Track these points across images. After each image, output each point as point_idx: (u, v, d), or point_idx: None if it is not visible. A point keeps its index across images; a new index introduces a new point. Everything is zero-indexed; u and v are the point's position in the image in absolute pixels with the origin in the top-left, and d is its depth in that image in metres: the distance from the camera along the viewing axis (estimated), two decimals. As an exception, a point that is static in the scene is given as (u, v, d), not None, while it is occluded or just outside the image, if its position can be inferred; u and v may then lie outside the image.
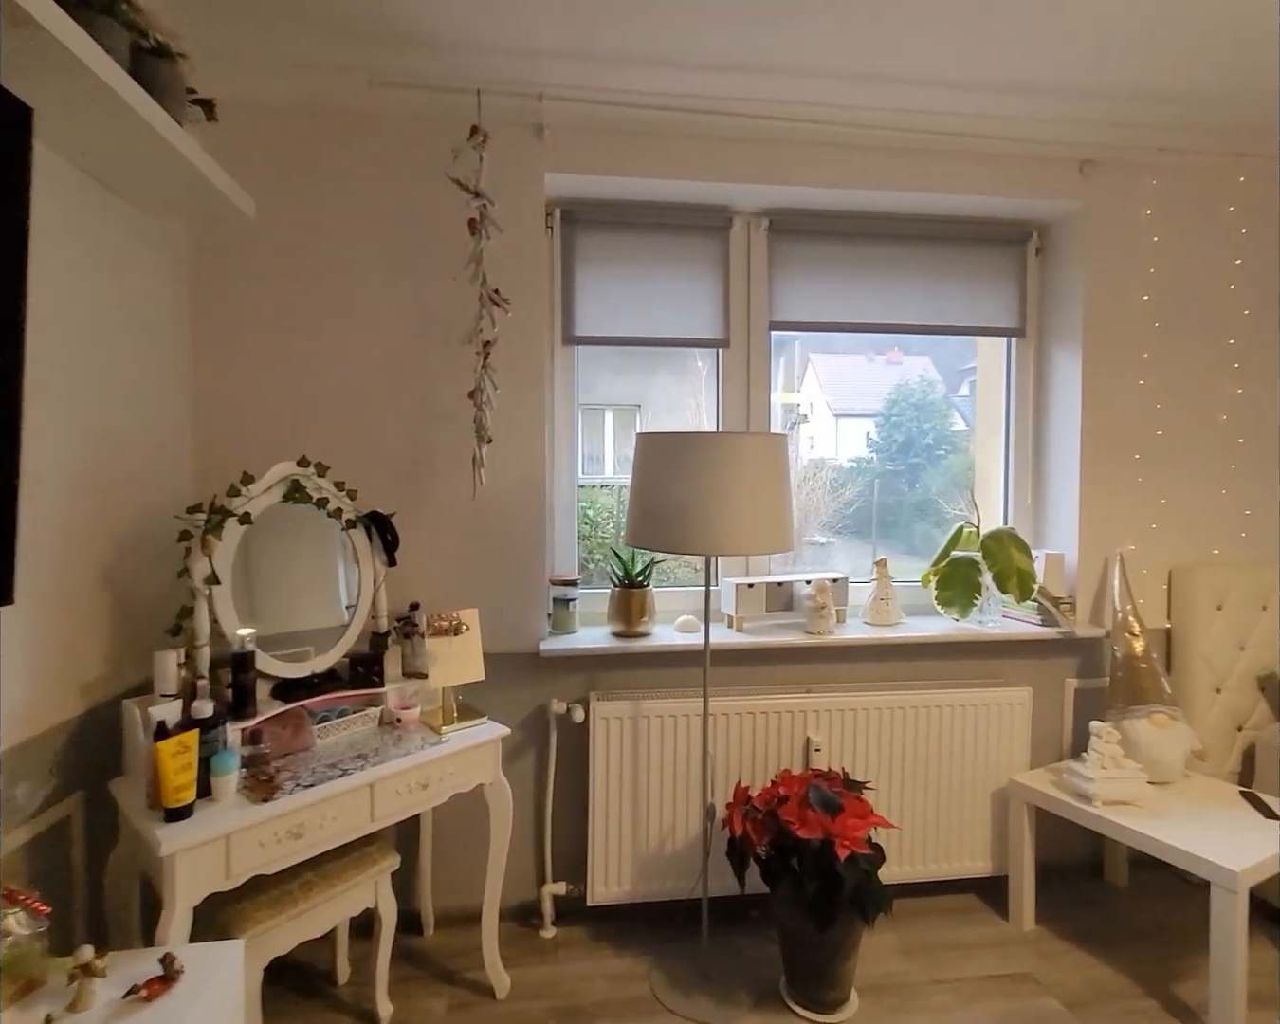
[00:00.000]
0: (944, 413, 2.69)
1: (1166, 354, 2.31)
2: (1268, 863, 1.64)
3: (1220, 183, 2.31)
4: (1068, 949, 1.98)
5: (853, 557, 2.63)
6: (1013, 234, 2.39)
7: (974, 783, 2.17)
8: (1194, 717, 2.25)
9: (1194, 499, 2.35)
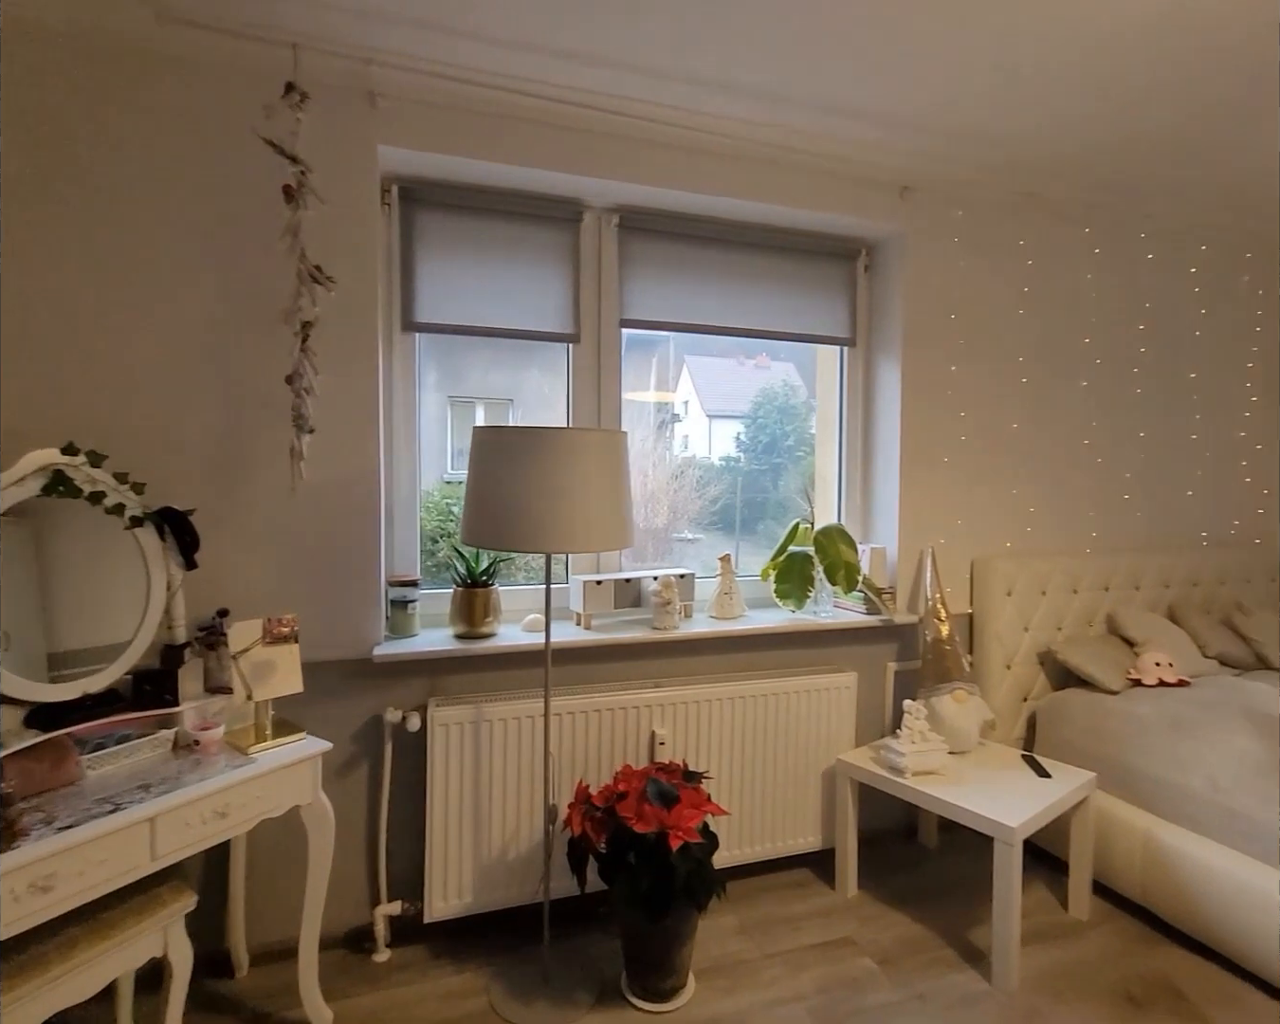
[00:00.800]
0: (804, 416, 2.84)
1: (970, 368, 2.58)
2: (1039, 816, 1.88)
3: (1014, 218, 2.61)
4: (884, 911, 2.16)
5: (719, 552, 2.71)
6: (844, 249, 2.57)
7: (806, 764, 2.31)
8: (989, 690, 2.54)
9: (991, 498, 2.64)
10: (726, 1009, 1.75)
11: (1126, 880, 2.10)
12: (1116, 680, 2.40)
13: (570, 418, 2.32)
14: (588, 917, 2.11)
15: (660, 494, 2.70)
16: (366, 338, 1.90)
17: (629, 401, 2.47)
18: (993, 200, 2.57)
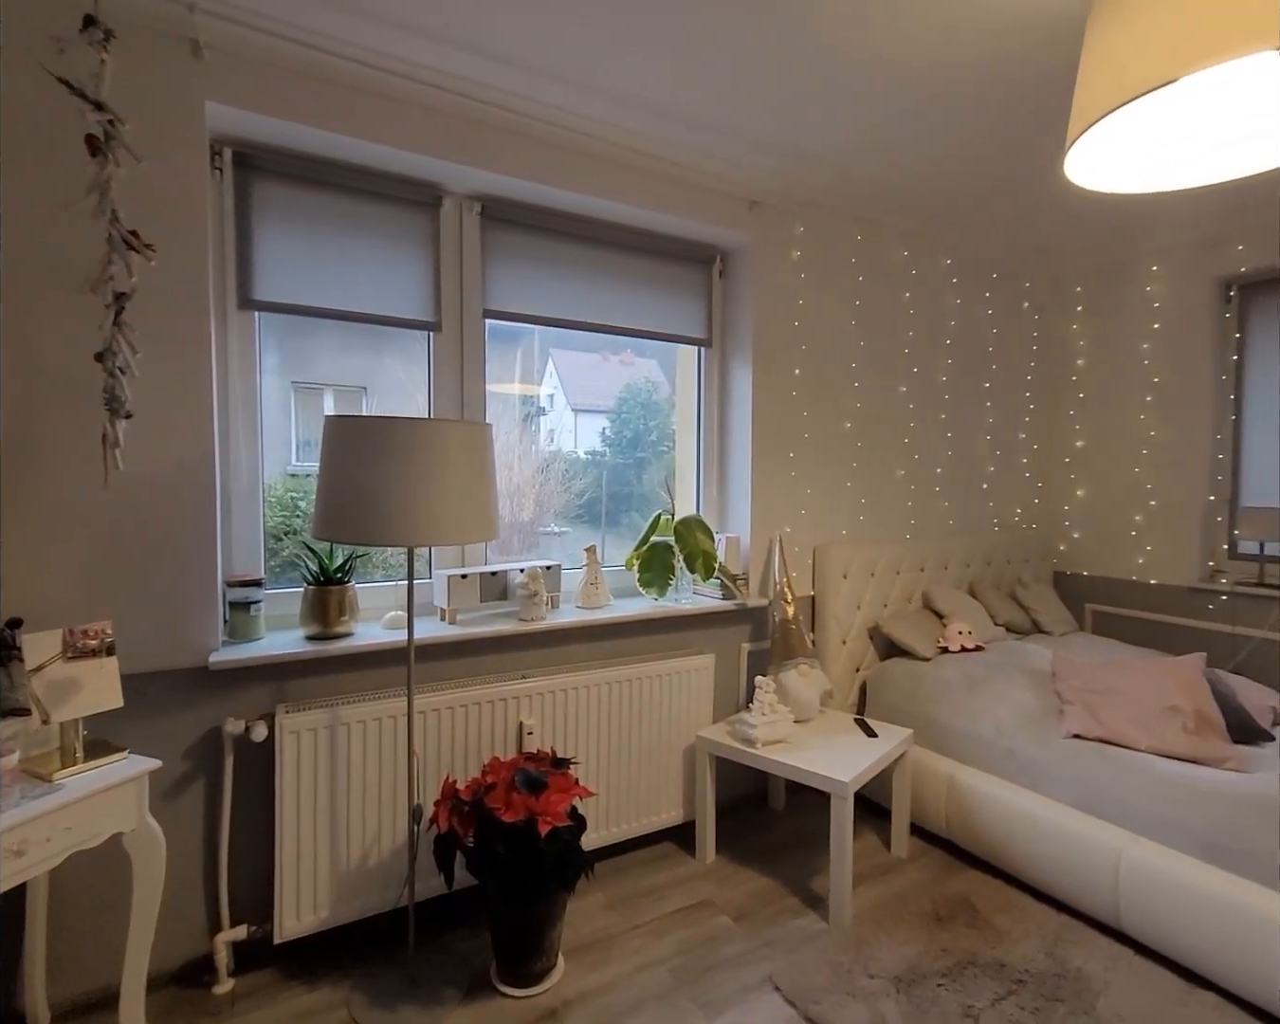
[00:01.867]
0: (667, 412, 2.95)
1: (811, 373, 2.83)
2: (867, 771, 2.13)
3: (847, 239, 2.90)
4: (739, 871, 2.34)
5: (585, 545, 2.74)
6: (701, 255, 2.71)
7: (669, 743, 2.44)
8: (828, 663, 2.82)
9: (830, 491, 2.93)
10: (594, 983, 1.81)
11: (935, 819, 2.44)
12: (929, 649, 2.77)
13: (431, 408, 2.25)
14: (457, 915, 2.08)
15: (526, 488, 2.70)
16: (197, 315, 1.73)
17: (493, 393, 2.44)
18: (829, 221, 2.84)
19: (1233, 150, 1.30)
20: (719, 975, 1.84)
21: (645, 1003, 1.75)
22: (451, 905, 2.10)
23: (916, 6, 1.66)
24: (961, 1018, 1.66)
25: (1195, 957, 1.76)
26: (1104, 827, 2.00)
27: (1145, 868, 1.86)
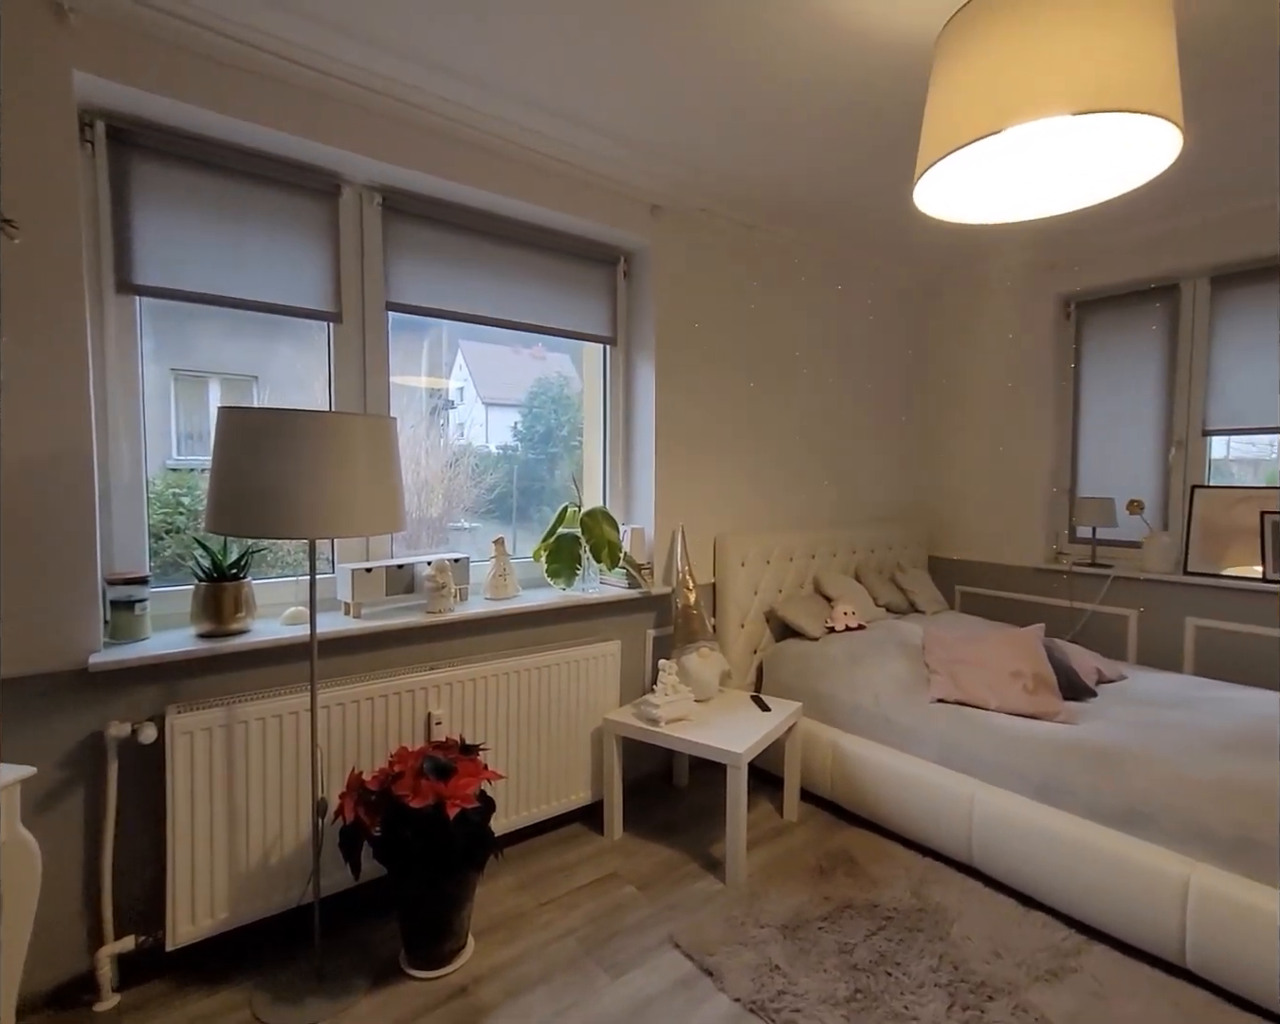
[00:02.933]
0: (578, 407, 3.01)
1: (710, 372, 3.00)
2: (760, 742, 2.31)
3: (743, 245, 3.08)
4: (645, 845, 2.47)
5: (497, 539, 2.76)
6: (606, 255, 2.81)
7: (577, 727, 2.53)
8: (728, 646, 3.00)
9: (729, 484, 3.11)
10: (504, 957, 1.88)
11: (821, 783, 2.66)
12: (817, 629, 3.01)
13: (332, 400, 2.22)
14: (366, 907, 2.08)
15: (435, 483, 2.69)
16: (70, 298, 1.64)
17: (399, 386, 2.43)
18: (726, 228, 3.00)
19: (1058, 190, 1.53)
20: (624, 940, 1.96)
21: (554, 971, 1.83)
22: (360, 898, 2.10)
23: (792, 34, 1.82)
24: (838, 954, 1.86)
25: (1030, 883, 2.05)
26: (960, 778, 2.27)
27: (992, 811, 2.14)
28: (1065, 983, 1.74)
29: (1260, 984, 1.62)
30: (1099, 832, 1.94)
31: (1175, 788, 1.87)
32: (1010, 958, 1.84)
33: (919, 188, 1.48)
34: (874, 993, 1.72)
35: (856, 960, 1.83)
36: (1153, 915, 1.79)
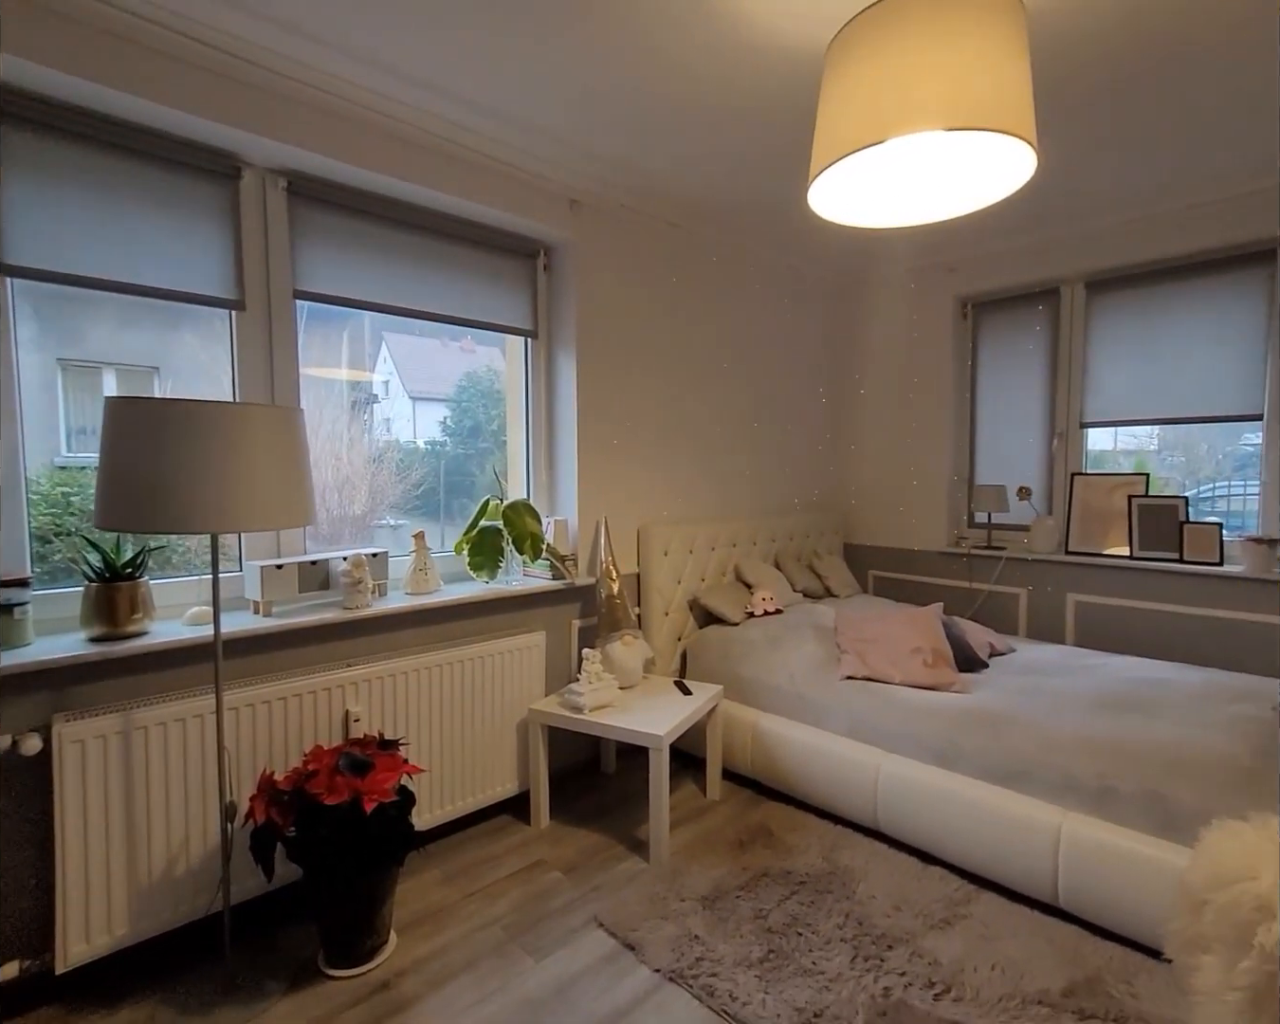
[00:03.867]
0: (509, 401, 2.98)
1: (632, 366, 3.05)
2: (681, 724, 2.38)
3: (662, 242, 3.15)
4: (571, 831, 2.51)
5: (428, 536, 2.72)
6: (526, 248, 2.81)
7: (502, 719, 2.53)
8: (653, 634, 3.07)
9: (652, 476, 3.18)
10: (428, 950, 1.88)
11: (742, 762, 2.77)
12: (738, 615, 3.12)
13: (236, 391, 2.14)
14: (281, 911, 2.03)
15: (358, 479, 2.63)
16: (-67, 279, 1.52)
17: (316, 378, 2.36)
18: (646, 224, 3.06)
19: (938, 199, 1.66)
20: (549, 923, 1.99)
21: (479, 959, 1.85)
22: (276, 902, 2.05)
23: (700, 33, 1.89)
24: (754, 919, 1.95)
25: (929, 841, 2.21)
26: (868, 749, 2.42)
27: (895, 777, 2.30)
28: (956, 929, 1.90)
29: (1120, 915, 1.82)
30: (987, 789, 2.11)
31: (1049, 746, 2.07)
32: (909, 910, 1.98)
33: (812, 191, 1.57)
34: (785, 952, 1.82)
35: (771, 924, 1.93)
36: (1031, 862, 1.97)
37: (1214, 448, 3.29)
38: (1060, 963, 1.77)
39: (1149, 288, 3.22)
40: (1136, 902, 1.78)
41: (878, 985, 1.70)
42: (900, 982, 1.71)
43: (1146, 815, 1.83)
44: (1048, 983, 1.69)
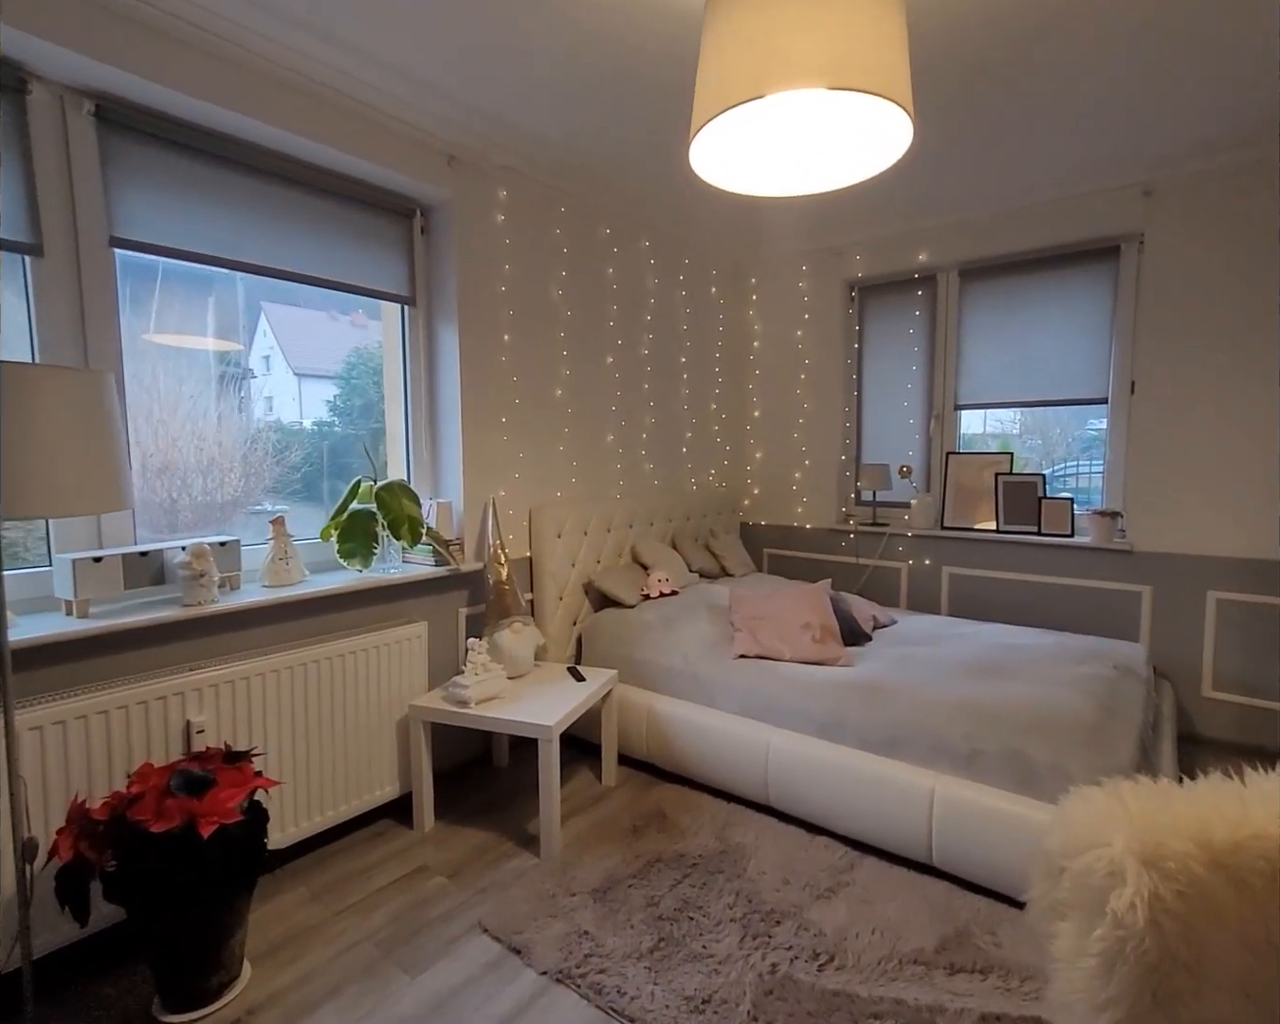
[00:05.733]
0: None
1: (520, 339, 2.89)
2: (572, 713, 2.29)
3: (550, 208, 2.99)
4: (458, 832, 2.37)
5: (309, 524, 2.47)
6: (401, 207, 2.57)
7: (380, 718, 2.34)
8: (546, 619, 2.96)
9: (543, 454, 3.04)
10: (288, 979, 1.70)
11: (638, 745, 2.73)
12: (634, 597, 3.06)
13: (35, 350, 1.80)
14: (106, 954, 1.76)
15: (228, 461, 2.33)
16: None
17: (176, 348, 2.05)
18: (532, 188, 2.89)
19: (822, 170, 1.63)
20: (428, 934, 1.86)
21: (346, 982, 1.69)
22: (98, 947, 1.78)
23: None
24: (645, 908, 1.91)
25: (816, 813, 2.26)
26: (759, 726, 2.44)
27: (785, 752, 2.33)
28: (840, 896, 1.95)
29: (985, 870, 1.92)
30: (867, 758, 2.18)
31: (922, 712, 2.15)
32: (796, 882, 2.01)
33: (694, 150, 1.49)
34: (676, 939, 1.79)
35: (662, 911, 1.89)
36: (908, 825, 2.05)
37: (1065, 431, 3.58)
38: (933, 919, 1.84)
39: (1014, 277, 3.42)
40: (1000, 856, 1.89)
41: (765, 962, 1.70)
42: (787, 956, 1.72)
43: (1008, 774, 1.94)
44: (922, 942, 1.76)
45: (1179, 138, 2.64)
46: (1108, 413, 3.24)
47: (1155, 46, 2.05)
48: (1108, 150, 2.75)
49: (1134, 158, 2.81)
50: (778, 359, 4.16)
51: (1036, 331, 3.38)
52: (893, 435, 3.87)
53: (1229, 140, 2.64)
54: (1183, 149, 2.73)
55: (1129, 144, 2.69)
